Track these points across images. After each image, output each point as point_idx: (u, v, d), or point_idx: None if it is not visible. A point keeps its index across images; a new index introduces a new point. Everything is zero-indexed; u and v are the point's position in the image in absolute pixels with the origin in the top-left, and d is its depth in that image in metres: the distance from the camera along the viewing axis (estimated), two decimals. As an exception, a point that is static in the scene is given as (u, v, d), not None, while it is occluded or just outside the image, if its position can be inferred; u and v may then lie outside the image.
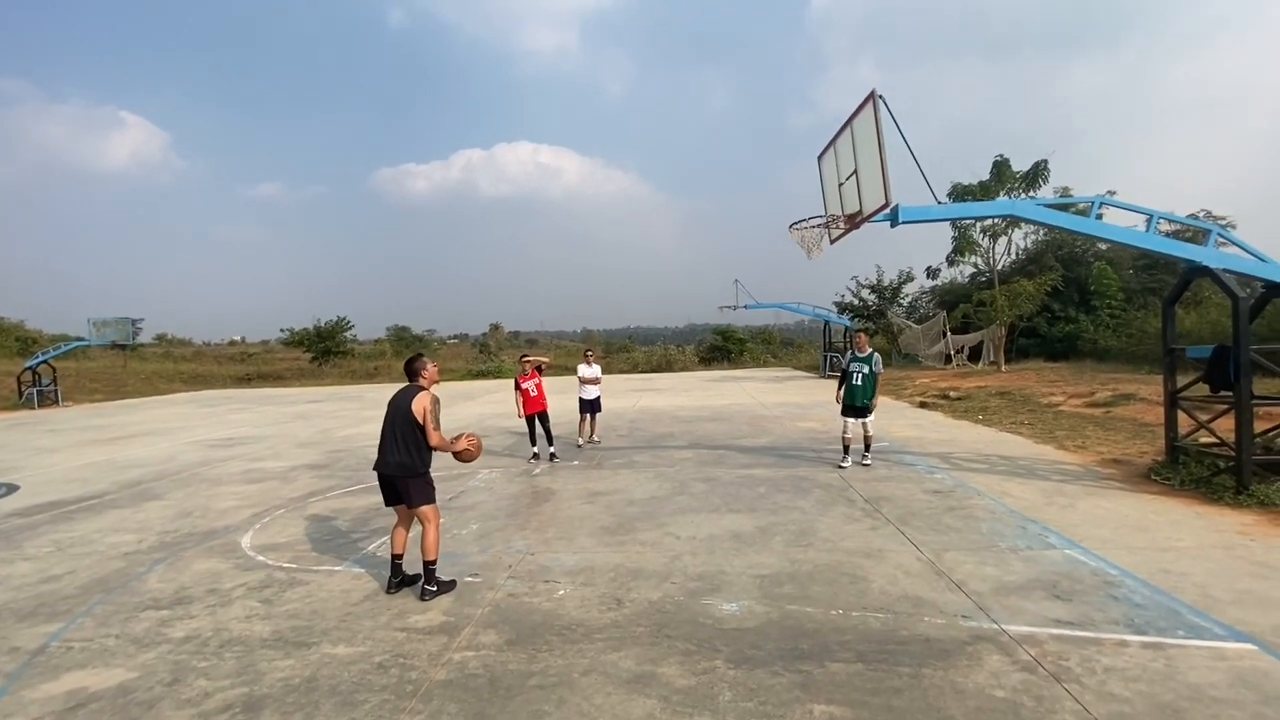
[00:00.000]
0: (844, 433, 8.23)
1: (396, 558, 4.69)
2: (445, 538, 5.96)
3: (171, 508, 7.56)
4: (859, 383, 8.01)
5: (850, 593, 4.34)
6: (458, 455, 4.71)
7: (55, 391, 25.43)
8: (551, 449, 9.42)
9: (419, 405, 4.50)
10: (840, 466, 8.15)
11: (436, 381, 4.77)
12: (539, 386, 9.31)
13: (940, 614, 3.96)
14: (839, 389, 8.31)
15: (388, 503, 4.70)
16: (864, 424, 8.09)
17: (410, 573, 4.69)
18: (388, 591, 4.63)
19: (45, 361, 25.74)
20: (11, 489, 9.01)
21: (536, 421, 9.34)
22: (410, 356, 4.78)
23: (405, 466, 4.50)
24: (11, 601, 4.77)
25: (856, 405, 8.05)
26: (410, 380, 4.68)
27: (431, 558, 4.53)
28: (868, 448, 8.27)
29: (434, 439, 4.51)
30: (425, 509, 4.58)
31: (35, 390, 24.59)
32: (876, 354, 8.13)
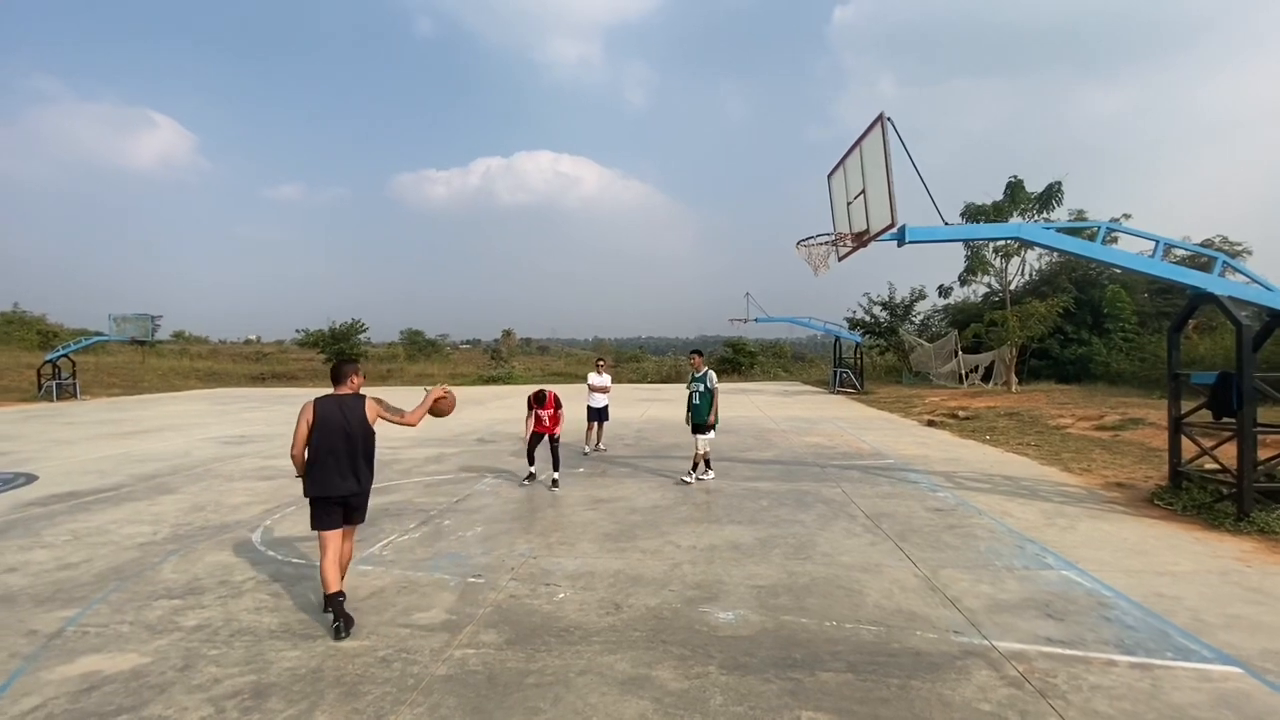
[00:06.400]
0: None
1: (339, 595, 4.08)
2: (450, 539, 6.10)
3: (185, 501, 7.74)
4: (698, 402, 8.30)
5: (845, 605, 4.40)
6: (437, 407, 4.63)
7: (74, 385, 25.89)
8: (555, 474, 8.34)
9: (373, 413, 4.29)
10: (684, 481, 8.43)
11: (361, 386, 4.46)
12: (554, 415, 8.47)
13: (932, 629, 4.02)
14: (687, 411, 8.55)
15: (331, 527, 4.16)
16: (698, 440, 8.35)
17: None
18: (337, 639, 3.94)
19: (65, 355, 26.28)
20: (31, 479, 9.24)
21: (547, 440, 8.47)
22: (338, 361, 4.47)
23: (367, 482, 4.31)
24: (30, 587, 4.93)
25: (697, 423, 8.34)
26: (337, 386, 4.35)
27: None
28: (694, 466, 8.53)
29: (416, 416, 4.47)
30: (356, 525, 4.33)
31: (54, 383, 25.06)
32: (711, 372, 8.35)
